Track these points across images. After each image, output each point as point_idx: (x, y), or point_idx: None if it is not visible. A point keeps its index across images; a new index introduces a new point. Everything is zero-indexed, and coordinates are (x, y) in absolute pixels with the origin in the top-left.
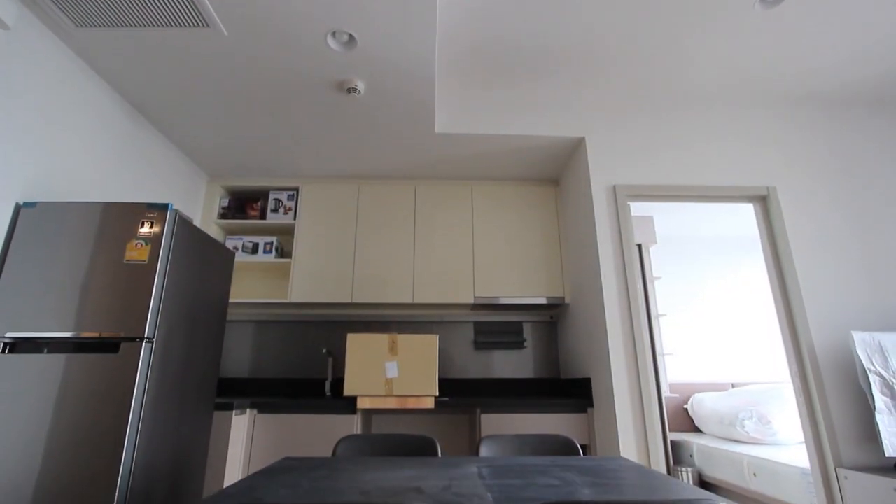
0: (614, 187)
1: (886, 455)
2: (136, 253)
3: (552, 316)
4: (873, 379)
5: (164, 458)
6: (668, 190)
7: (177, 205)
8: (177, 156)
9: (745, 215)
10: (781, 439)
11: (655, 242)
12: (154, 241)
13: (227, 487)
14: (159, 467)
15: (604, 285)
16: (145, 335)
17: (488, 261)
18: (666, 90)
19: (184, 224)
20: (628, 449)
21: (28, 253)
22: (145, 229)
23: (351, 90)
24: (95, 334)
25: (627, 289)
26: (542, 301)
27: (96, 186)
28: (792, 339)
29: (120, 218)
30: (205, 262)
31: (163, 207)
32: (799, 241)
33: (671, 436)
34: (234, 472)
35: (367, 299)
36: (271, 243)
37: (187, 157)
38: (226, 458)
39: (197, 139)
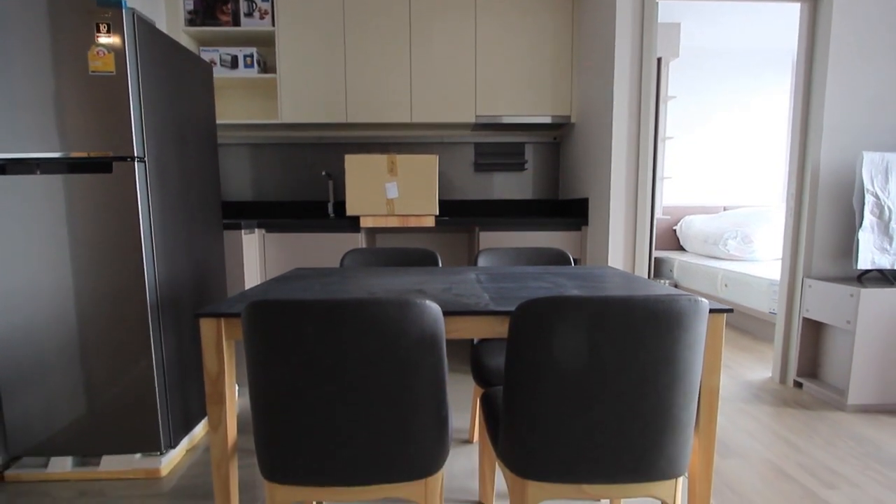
0: None
1: (856, 267)
2: (101, 63)
3: (555, 137)
4: (868, 199)
5: (185, 272)
6: None
7: (133, 5)
8: None
9: (779, 25)
10: (759, 257)
11: (678, 56)
12: (117, 49)
13: (246, 290)
14: (182, 280)
15: (615, 103)
16: (135, 154)
17: (491, 76)
18: None
19: (147, 28)
20: (616, 262)
21: None
22: (104, 36)
23: None
24: (84, 154)
25: (640, 108)
26: (547, 120)
27: None
28: (800, 157)
29: (70, 20)
30: (181, 74)
31: (115, 4)
32: (838, 52)
33: (655, 253)
34: (252, 283)
35: (363, 119)
36: (251, 56)
37: None
38: (243, 271)
39: None
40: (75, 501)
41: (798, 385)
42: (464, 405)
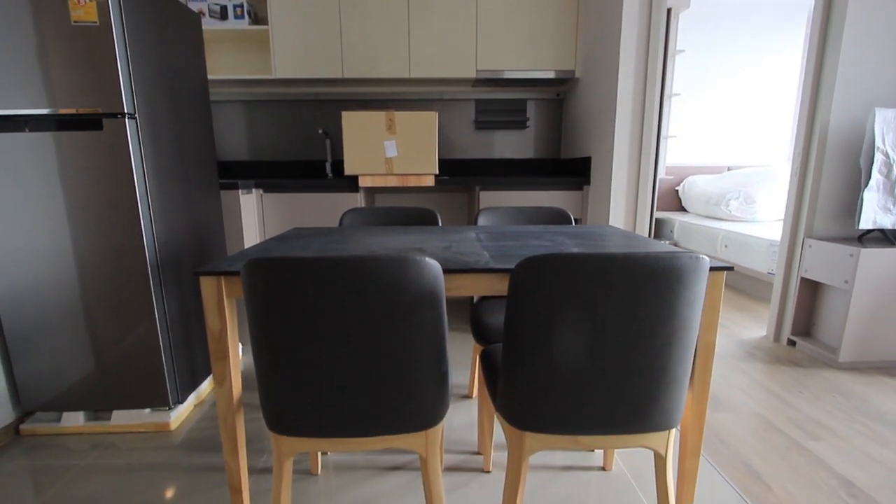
0: None
1: (858, 227)
2: (83, 12)
3: (559, 93)
4: (877, 156)
5: (184, 232)
6: None
7: None
8: None
9: None
10: (760, 217)
11: (688, 6)
12: None
13: (245, 249)
14: (181, 239)
15: (621, 57)
16: (125, 111)
17: (493, 28)
18: None
19: None
20: (616, 222)
21: None
22: None
23: None
24: (72, 110)
25: (647, 62)
26: (551, 75)
27: None
28: (809, 113)
29: None
30: (168, 24)
31: None
32: (858, 2)
33: (656, 214)
34: (251, 244)
35: (360, 74)
36: (241, 6)
37: None
38: (242, 231)
39: None
40: (89, 453)
41: (791, 343)
42: (464, 362)
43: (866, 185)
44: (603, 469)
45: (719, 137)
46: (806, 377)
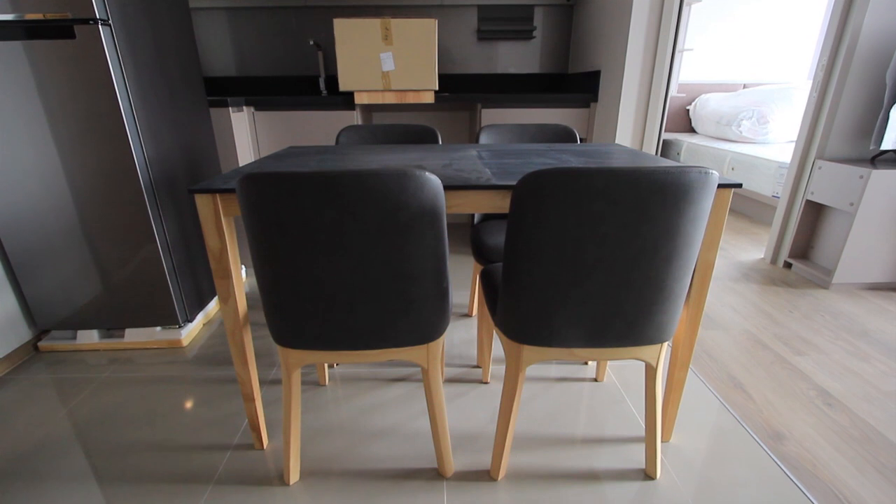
0: None
1: (879, 147)
2: None
3: None
4: None
5: (175, 151)
6: None
7: None
8: None
9: None
10: (772, 139)
11: None
12: None
13: (240, 167)
14: (173, 159)
15: None
16: (97, 16)
17: None
18: None
19: None
20: (623, 142)
21: None
22: None
23: None
24: (39, 16)
25: None
26: None
27: None
28: (841, 20)
29: None
30: None
31: None
32: None
33: (664, 135)
34: (245, 163)
35: None
36: None
37: None
38: (235, 151)
39: None
40: (107, 367)
41: (788, 266)
42: (464, 283)
43: (894, 103)
44: (595, 380)
45: (738, 51)
46: (798, 297)
